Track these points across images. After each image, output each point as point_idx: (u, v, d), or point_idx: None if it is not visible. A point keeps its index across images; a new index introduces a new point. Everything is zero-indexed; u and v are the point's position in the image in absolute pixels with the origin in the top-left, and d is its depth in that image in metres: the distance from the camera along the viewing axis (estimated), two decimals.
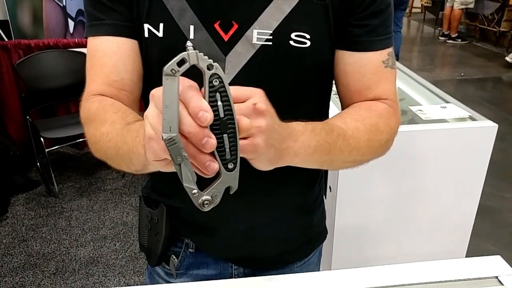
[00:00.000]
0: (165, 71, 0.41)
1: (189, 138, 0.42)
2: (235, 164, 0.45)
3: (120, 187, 3.04)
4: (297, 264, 0.92)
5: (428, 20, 9.01)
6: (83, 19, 3.38)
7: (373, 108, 0.71)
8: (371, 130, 0.68)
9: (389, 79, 0.75)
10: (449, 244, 1.71)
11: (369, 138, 0.68)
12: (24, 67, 2.96)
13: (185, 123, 0.41)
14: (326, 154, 0.62)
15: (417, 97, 1.94)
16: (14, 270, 2.31)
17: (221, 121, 0.43)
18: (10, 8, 3.11)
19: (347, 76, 0.73)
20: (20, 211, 2.79)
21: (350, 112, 0.71)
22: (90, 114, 0.69)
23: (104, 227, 2.64)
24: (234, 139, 0.45)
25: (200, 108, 0.41)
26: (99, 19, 0.71)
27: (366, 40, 0.71)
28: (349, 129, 0.66)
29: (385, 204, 1.60)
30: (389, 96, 0.75)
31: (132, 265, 2.34)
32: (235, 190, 0.47)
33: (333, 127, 0.64)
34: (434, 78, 5.24)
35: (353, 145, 0.66)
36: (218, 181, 0.46)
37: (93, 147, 0.68)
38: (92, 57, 0.73)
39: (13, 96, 3.13)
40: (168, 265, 0.90)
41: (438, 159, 1.55)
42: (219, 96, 0.43)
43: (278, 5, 0.67)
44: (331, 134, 0.63)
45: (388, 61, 0.74)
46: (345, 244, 1.64)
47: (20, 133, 3.23)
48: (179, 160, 0.42)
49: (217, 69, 0.43)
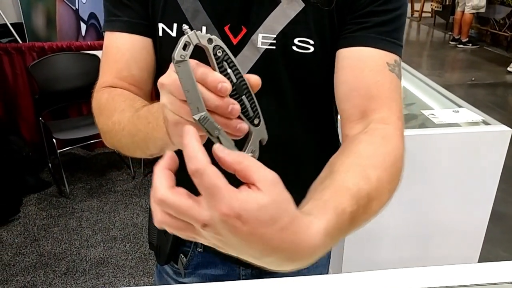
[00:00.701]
0: (176, 59, 0.43)
1: (216, 111, 0.44)
2: (259, 118, 0.49)
3: (130, 188, 3.06)
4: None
5: (438, 24, 8.97)
6: (95, 22, 3.42)
7: (387, 138, 0.60)
8: (392, 174, 0.58)
9: (394, 86, 0.66)
10: (461, 249, 1.70)
11: (390, 188, 0.57)
12: (37, 69, 3.00)
13: (209, 99, 0.43)
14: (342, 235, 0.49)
15: (428, 101, 1.94)
16: (25, 269, 2.34)
17: (236, 85, 0.46)
18: (24, 11, 3.16)
19: (345, 72, 0.67)
20: (32, 211, 2.82)
21: (369, 155, 0.57)
22: (101, 104, 0.71)
23: (114, 228, 2.66)
24: (251, 97, 0.48)
25: (217, 81, 0.43)
26: (115, 15, 0.74)
27: (362, 36, 0.67)
28: (372, 188, 0.52)
29: (396, 208, 1.59)
30: (395, 112, 0.64)
31: (142, 266, 2.36)
32: (267, 139, 0.50)
33: (357, 202, 0.49)
34: (444, 83, 5.21)
35: (375, 207, 0.54)
36: (251, 138, 0.49)
37: (105, 136, 0.70)
38: (107, 51, 0.75)
39: (27, 98, 3.17)
40: (177, 264, 0.92)
41: (451, 163, 1.55)
42: (226, 64, 0.46)
43: (284, 10, 0.68)
44: (355, 217, 0.49)
45: (394, 67, 0.67)
46: (356, 247, 1.63)
47: (32, 134, 3.27)
48: (216, 133, 0.45)
49: (216, 40, 0.45)
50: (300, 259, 0.41)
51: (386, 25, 0.67)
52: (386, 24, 0.67)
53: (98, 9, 3.39)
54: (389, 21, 0.67)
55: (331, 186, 0.50)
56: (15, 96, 3.16)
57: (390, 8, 0.67)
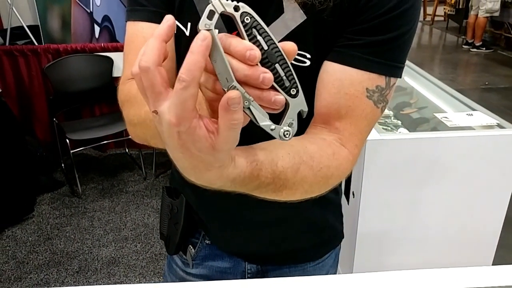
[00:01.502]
0: (200, 28, 0.40)
1: (247, 81, 0.42)
2: (297, 88, 0.45)
3: (141, 189, 3.08)
4: (311, 264, 0.93)
5: (451, 28, 8.90)
6: (108, 24, 3.46)
7: (336, 156, 0.63)
8: (318, 183, 0.61)
9: (366, 114, 0.64)
10: (474, 254, 1.68)
11: (308, 190, 0.61)
12: (52, 70, 3.04)
13: (238, 69, 0.41)
14: (243, 191, 0.55)
15: (441, 105, 1.93)
16: (39, 267, 2.37)
17: (268, 53, 0.43)
18: (41, 14, 3.21)
19: (322, 86, 0.65)
20: (46, 210, 2.86)
21: (313, 156, 0.60)
22: (131, 95, 0.68)
23: (125, 228, 2.68)
24: (287, 65, 0.44)
25: (245, 49, 0.41)
26: (141, 5, 0.72)
27: (345, 53, 0.64)
28: (293, 181, 0.57)
29: (408, 211, 1.59)
30: (354, 139, 0.65)
31: (152, 266, 2.37)
32: (306, 112, 0.47)
33: (273, 181, 0.55)
34: (457, 87, 5.13)
35: (284, 195, 0.59)
36: (289, 110, 0.46)
37: (136, 128, 0.67)
38: (131, 42, 0.73)
39: (41, 99, 3.22)
40: (186, 254, 0.94)
41: (464, 167, 1.53)
42: (256, 31, 0.43)
43: (285, 21, 0.66)
44: (262, 188, 0.55)
45: (373, 93, 0.64)
46: (367, 249, 1.63)
47: (46, 134, 3.31)
48: (246, 104, 0.42)
49: (244, 7, 0.42)
50: (200, 181, 0.48)
51: (383, 45, 0.63)
52: (383, 44, 0.63)
53: (111, 12, 3.43)
54: (388, 40, 0.63)
55: (268, 154, 0.54)
56: (30, 97, 3.21)
57: (389, 28, 0.62)
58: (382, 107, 0.66)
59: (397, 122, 1.87)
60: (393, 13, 0.61)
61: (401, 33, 0.63)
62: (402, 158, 1.52)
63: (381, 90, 0.64)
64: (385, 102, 0.66)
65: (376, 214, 1.58)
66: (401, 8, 0.61)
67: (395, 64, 0.65)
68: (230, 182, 0.49)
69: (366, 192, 1.53)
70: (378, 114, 0.66)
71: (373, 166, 1.50)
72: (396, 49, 0.64)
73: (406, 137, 1.59)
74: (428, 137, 1.49)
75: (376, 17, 0.62)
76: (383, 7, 0.61)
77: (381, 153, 1.50)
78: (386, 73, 0.64)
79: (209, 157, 0.43)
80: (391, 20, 0.62)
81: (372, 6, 0.62)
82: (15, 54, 3.08)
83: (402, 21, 0.62)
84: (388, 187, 1.54)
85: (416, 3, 0.63)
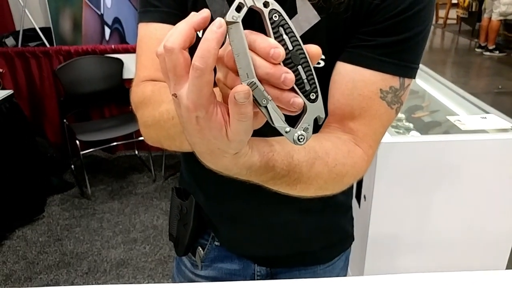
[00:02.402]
0: (228, 20, 0.40)
1: (267, 79, 0.41)
2: (317, 93, 0.44)
3: (151, 191, 3.09)
4: (321, 267, 0.92)
5: (463, 31, 8.82)
6: (118, 26, 3.48)
7: (351, 155, 0.63)
8: (333, 180, 0.61)
9: (379, 115, 0.64)
10: (487, 258, 1.66)
11: (322, 186, 0.61)
12: (63, 72, 3.07)
13: (260, 66, 0.40)
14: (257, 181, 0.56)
15: (455, 108, 1.90)
16: (49, 267, 2.38)
17: (292, 54, 0.42)
18: (53, 16, 3.24)
19: (335, 87, 0.65)
20: (56, 211, 2.87)
21: (328, 153, 0.60)
22: (145, 97, 0.68)
23: (134, 230, 2.69)
24: (309, 68, 0.43)
25: (270, 46, 0.40)
26: (154, 6, 0.71)
27: (359, 53, 0.64)
28: (307, 175, 0.58)
29: (420, 214, 1.57)
30: (368, 140, 0.65)
31: (161, 268, 2.37)
32: (323, 118, 0.46)
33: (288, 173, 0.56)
34: (470, 91, 5.04)
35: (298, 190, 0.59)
36: (306, 114, 0.45)
37: (150, 130, 0.67)
38: (144, 43, 0.73)
39: (52, 100, 3.25)
40: (195, 256, 0.93)
41: (478, 170, 1.51)
42: (283, 30, 0.42)
43: (298, 22, 0.65)
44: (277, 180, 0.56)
45: (387, 94, 0.64)
46: (378, 252, 1.61)
47: (57, 136, 3.34)
48: (264, 103, 0.42)
49: (273, 4, 0.41)
50: (215, 167, 0.48)
51: (396, 45, 0.63)
52: (397, 44, 0.63)
53: (122, 14, 3.46)
54: (401, 41, 0.62)
55: (285, 146, 0.54)
56: (41, 99, 3.24)
57: (403, 29, 0.62)
58: (396, 108, 0.65)
59: (409, 125, 1.85)
60: (406, 14, 0.61)
61: (414, 33, 0.62)
62: (414, 161, 1.51)
63: (395, 91, 0.64)
64: (399, 103, 0.66)
65: (387, 217, 1.56)
66: (414, 9, 0.61)
67: (408, 65, 0.64)
68: (246, 169, 0.49)
69: (377, 195, 1.51)
70: (393, 115, 0.66)
71: (385, 169, 1.49)
72: (410, 50, 0.64)
73: (418, 140, 1.57)
74: (440, 140, 1.47)
75: (389, 18, 0.61)
76: (396, 8, 0.61)
77: (393, 156, 1.48)
78: (400, 73, 0.63)
79: (223, 145, 0.43)
80: (404, 21, 0.61)
81: (385, 7, 0.61)
82: (27, 55, 3.11)
83: (416, 22, 0.62)
84: (400, 190, 1.52)
85: (429, 4, 0.63)
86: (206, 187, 0.87)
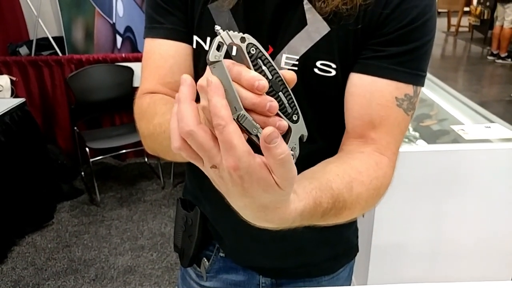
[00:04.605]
0: (211, 60, 0.42)
1: (254, 109, 0.43)
2: (298, 114, 0.48)
3: (159, 198, 3.11)
4: (325, 278, 0.92)
5: (475, 39, 8.75)
6: (130, 35, 3.53)
7: (380, 165, 0.65)
8: (372, 196, 0.63)
9: (398, 122, 0.67)
10: (492, 269, 1.64)
11: (364, 206, 0.63)
12: (74, 80, 3.11)
13: (246, 98, 0.43)
14: (310, 223, 0.57)
15: (461, 117, 1.89)
16: (57, 274, 2.40)
17: (272, 82, 0.45)
18: (65, 25, 3.30)
19: (352, 99, 0.68)
20: (65, 217, 2.91)
21: (361, 171, 0.62)
22: (142, 109, 0.71)
23: (142, 237, 2.70)
24: (289, 93, 0.47)
25: (254, 79, 0.42)
26: (159, 22, 0.74)
27: (374, 64, 0.66)
28: (350, 200, 0.59)
29: (424, 224, 1.56)
30: (391, 147, 0.68)
31: (167, 275, 2.38)
32: (307, 136, 0.49)
33: (334, 204, 0.56)
34: (481, 99, 5.06)
35: (344, 216, 0.60)
36: (291, 135, 0.48)
37: (146, 141, 0.70)
38: (149, 58, 0.76)
39: (64, 108, 3.30)
40: (200, 267, 0.93)
41: (482, 180, 1.50)
42: (261, 61, 0.45)
43: (309, 33, 0.68)
44: (326, 215, 0.56)
45: (402, 101, 0.67)
46: (381, 262, 1.60)
47: (67, 143, 3.38)
48: (255, 131, 0.44)
49: (249, 38, 0.44)
50: (272, 223, 0.49)
51: (407, 55, 0.66)
52: (407, 54, 0.66)
53: (134, 23, 3.50)
54: (411, 51, 0.66)
55: (320, 179, 0.56)
56: (53, 106, 3.29)
57: (413, 38, 0.65)
58: (411, 114, 0.69)
59: (415, 134, 1.85)
60: (415, 24, 0.64)
61: (422, 43, 0.66)
62: (418, 171, 1.50)
63: (410, 98, 0.67)
64: (413, 110, 0.69)
65: (391, 226, 1.55)
66: (421, 19, 0.65)
67: (419, 73, 0.67)
68: (299, 215, 0.50)
69: (381, 204, 1.50)
70: (409, 122, 0.69)
71: None
72: (419, 59, 0.67)
73: (422, 150, 1.56)
74: (444, 150, 1.47)
75: (399, 29, 0.65)
76: (405, 18, 0.64)
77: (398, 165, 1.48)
78: (413, 81, 0.67)
79: (276, 194, 0.43)
80: (413, 31, 0.65)
81: (394, 18, 0.64)
82: (40, 64, 3.17)
83: (423, 31, 0.66)
84: (404, 200, 1.51)
85: (434, 14, 0.66)
86: (212, 198, 0.87)
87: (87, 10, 3.34)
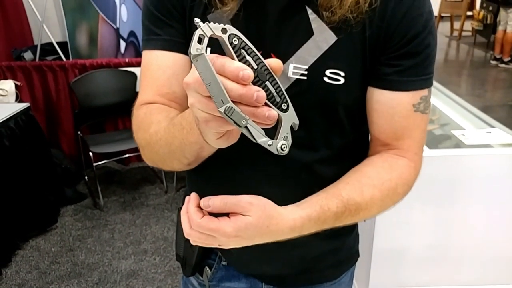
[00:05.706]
0: (193, 54, 0.42)
1: (241, 100, 0.43)
2: (287, 103, 0.47)
3: (162, 202, 3.12)
4: (327, 284, 0.92)
5: (478, 43, 8.74)
6: (134, 40, 3.55)
7: (394, 167, 0.71)
8: (387, 196, 0.69)
9: (418, 125, 0.73)
10: (493, 274, 1.64)
11: (381, 205, 0.70)
12: (78, 85, 3.14)
13: (232, 89, 0.42)
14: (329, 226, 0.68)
15: (462, 122, 1.89)
16: (60, 277, 2.41)
17: (258, 72, 0.45)
18: (70, 31, 3.32)
19: (377, 115, 0.73)
20: (69, 221, 2.92)
21: (371, 176, 0.70)
22: (139, 120, 0.72)
23: (145, 241, 2.71)
24: (276, 81, 0.46)
25: (238, 69, 0.42)
26: (156, 34, 0.74)
27: (395, 80, 0.70)
28: (363, 201, 0.68)
29: (425, 229, 1.56)
30: (413, 148, 0.73)
31: (170, 279, 2.38)
32: (298, 124, 0.49)
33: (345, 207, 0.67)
34: (484, 104, 5.04)
35: (363, 215, 0.69)
36: (282, 124, 0.48)
37: (144, 151, 0.71)
38: (147, 69, 0.76)
39: (68, 113, 3.32)
40: (202, 276, 0.93)
41: (482, 185, 1.50)
42: (245, 51, 0.44)
43: (316, 42, 0.68)
44: (341, 216, 0.66)
45: (419, 105, 0.71)
46: (383, 267, 1.61)
47: (71, 147, 3.40)
48: (244, 123, 0.43)
49: (230, 29, 0.44)
50: (282, 236, 0.63)
51: (420, 65, 0.69)
52: (420, 64, 0.69)
53: (137, 28, 3.52)
54: (425, 59, 0.69)
55: (328, 190, 0.67)
56: (57, 111, 3.32)
57: (424, 47, 0.68)
58: (428, 111, 0.74)
59: None
60: (424, 32, 0.68)
61: (431, 48, 0.70)
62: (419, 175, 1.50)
63: (425, 98, 0.72)
64: (429, 106, 0.74)
65: (392, 232, 1.55)
66: (428, 26, 0.68)
67: (430, 76, 0.72)
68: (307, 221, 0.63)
69: None
70: (427, 118, 0.74)
71: None
72: (430, 63, 0.71)
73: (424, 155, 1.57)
74: (445, 155, 1.47)
75: (411, 40, 0.67)
76: (413, 28, 0.67)
77: None
78: (427, 85, 0.72)
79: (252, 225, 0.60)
80: (424, 39, 0.68)
81: (402, 28, 0.67)
82: (44, 69, 3.19)
83: (432, 37, 0.70)
84: (404, 205, 1.51)
85: (433, 16, 0.70)
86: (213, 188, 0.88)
87: (91, 15, 3.37)
